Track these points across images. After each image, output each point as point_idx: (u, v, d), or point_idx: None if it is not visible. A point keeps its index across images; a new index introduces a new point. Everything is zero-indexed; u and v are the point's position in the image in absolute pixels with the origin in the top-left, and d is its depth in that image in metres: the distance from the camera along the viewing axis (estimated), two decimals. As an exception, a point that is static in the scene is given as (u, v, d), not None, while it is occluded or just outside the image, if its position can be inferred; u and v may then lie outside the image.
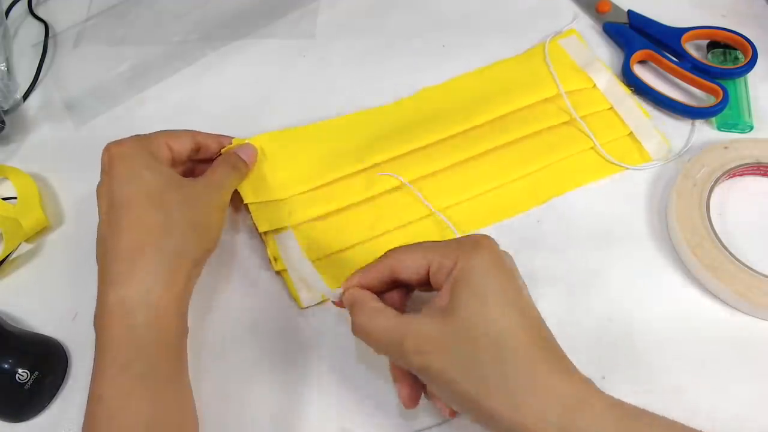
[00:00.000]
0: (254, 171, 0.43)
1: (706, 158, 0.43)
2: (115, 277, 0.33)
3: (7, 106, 0.50)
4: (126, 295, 0.32)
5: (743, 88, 0.47)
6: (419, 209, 0.42)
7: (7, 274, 0.43)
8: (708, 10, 0.52)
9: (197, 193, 0.37)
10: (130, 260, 0.33)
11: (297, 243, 0.41)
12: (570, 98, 0.46)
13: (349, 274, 0.35)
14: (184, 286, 0.35)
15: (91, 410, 0.31)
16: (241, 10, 0.55)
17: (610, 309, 0.39)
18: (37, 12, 0.57)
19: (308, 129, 0.46)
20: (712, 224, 0.40)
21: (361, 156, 0.43)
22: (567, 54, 0.50)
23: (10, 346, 0.38)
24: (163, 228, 0.34)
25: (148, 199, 0.35)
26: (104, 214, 0.36)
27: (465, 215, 0.43)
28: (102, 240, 0.35)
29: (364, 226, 0.42)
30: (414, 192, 0.42)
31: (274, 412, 0.37)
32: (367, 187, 0.43)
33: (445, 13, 0.54)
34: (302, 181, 0.43)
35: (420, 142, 0.44)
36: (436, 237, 0.42)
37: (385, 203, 0.43)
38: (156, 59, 0.52)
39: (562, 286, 0.40)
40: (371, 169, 0.43)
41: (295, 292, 0.40)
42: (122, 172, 0.36)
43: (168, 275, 0.34)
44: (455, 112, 0.46)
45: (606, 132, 0.45)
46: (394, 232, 0.42)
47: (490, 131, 0.45)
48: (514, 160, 0.44)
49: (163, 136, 0.39)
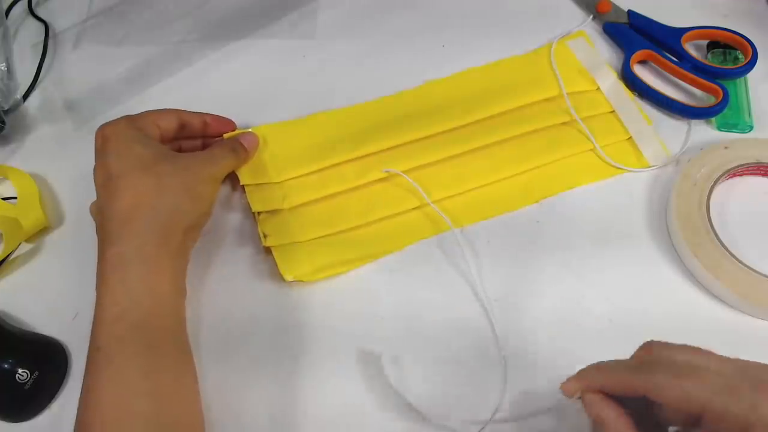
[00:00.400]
0: (255, 157, 0.44)
1: (707, 158, 0.43)
2: (112, 237, 0.35)
3: (7, 106, 0.50)
4: (121, 251, 0.34)
5: (743, 88, 0.47)
6: (412, 200, 0.43)
7: (7, 274, 0.43)
8: (708, 10, 0.52)
9: (189, 164, 0.39)
10: (126, 219, 0.35)
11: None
12: (572, 99, 0.46)
13: (337, 259, 0.38)
14: (179, 246, 0.36)
15: (92, 359, 0.33)
16: (241, 10, 0.55)
17: (610, 309, 0.39)
18: (37, 12, 0.57)
19: (308, 119, 0.47)
20: (713, 224, 0.40)
21: (357, 145, 0.44)
22: (573, 55, 0.50)
23: (10, 346, 0.38)
24: (156, 190, 0.36)
25: (142, 168, 0.36)
26: (100, 187, 0.37)
27: (459, 209, 0.43)
28: (99, 209, 0.37)
29: (354, 213, 0.42)
30: (410, 182, 0.42)
31: (270, 398, 0.37)
32: (360, 175, 0.43)
33: (445, 13, 0.54)
34: (298, 166, 0.44)
35: (418, 134, 0.45)
36: (427, 228, 0.42)
37: (377, 192, 0.43)
38: (156, 59, 0.52)
39: (561, 287, 0.40)
40: (365, 158, 0.44)
41: (282, 266, 0.40)
42: (116, 147, 0.37)
43: (162, 232, 0.35)
44: (455, 106, 0.46)
45: (605, 135, 0.45)
46: (384, 221, 0.43)
47: (489, 127, 0.45)
48: (512, 156, 0.44)
49: (151, 114, 0.41)
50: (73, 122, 0.50)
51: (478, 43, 0.51)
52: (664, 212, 0.42)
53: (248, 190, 0.43)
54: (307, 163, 0.44)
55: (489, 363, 0.38)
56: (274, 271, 0.41)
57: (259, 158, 0.44)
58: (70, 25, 0.55)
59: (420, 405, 0.36)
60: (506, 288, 0.40)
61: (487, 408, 0.36)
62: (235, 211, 0.44)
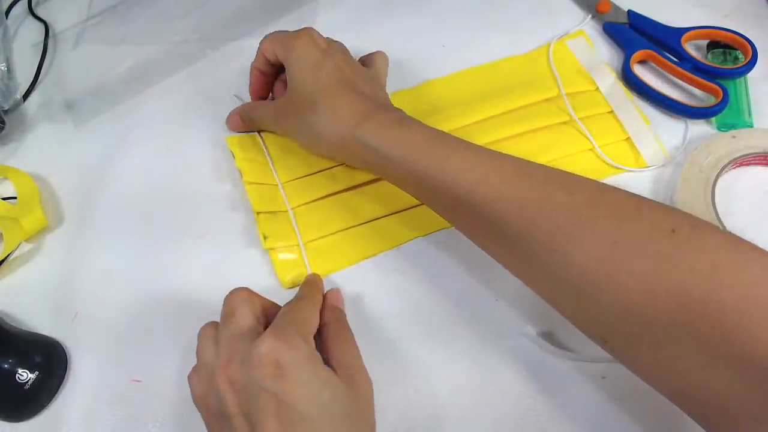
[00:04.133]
0: (257, 157, 0.45)
1: (714, 146, 0.43)
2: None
3: (7, 106, 0.50)
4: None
5: (743, 88, 0.47)
6: (410, 198, 0.43)
7: (7, 274, 0.43)
8: (708, 10, 0.51)
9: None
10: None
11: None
12: (571, 99, 0.46)
13: (332, 259, 0.41)
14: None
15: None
16: (241, 10, 0.55)
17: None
18: (37, 12, 0.57)
19: None
20: (717, 211, 0.40)
21: None
22: (573, 55, 0.50)
23: (10, 346, 0.38)
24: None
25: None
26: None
27: None
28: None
29: (354, 212, 0.43)
30: None
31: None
32: (360, 174, 0.43)
33: (445, 13, 0.54)
34: (298, 168, 0.44)
35: None
36: (425, 225, 0.42)
37: (376, 191, 0.43)
38: (156, 59, 0.52)
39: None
40: None
41: (280, 272, 0.41)
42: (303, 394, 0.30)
43: None
44: (455, 106, 0.46)
45: (604, 135, 0.45)
46: (384, 220, 0.43)
47: (488, 126, 0.45)
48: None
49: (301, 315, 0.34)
50: (73, 122, 0.50)
51: (478, 43, 0.51)
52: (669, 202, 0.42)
53: (250, 189, 0.43)
54: (308, 165, 0.44)
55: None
56: (275, 270, 0.41)
57: (262, 160, 0.45)
58: (70, 25, 0.55)
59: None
60: (506, 287, 0.40)
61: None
62: (239, 210, 0.44)
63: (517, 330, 0.38)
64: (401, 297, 0.40)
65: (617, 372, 0.36)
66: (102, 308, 0.41)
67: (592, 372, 0.36)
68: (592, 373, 0.36)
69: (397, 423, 0.36)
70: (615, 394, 0.36)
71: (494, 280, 0.40)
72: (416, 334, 0.39)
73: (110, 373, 0.39)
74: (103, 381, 0.39)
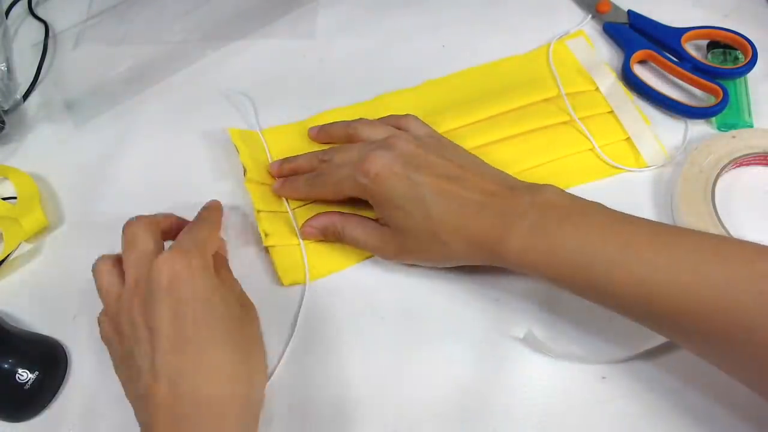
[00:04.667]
0: (259, 156, 0.45)
1: (714, 146, 0.43)
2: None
3: (7, 106, 0.50)
4: None
5: (743, 88, 0.47)
6: None
7: (7, 274, 0.43)
8: (708, 10, 0.51)
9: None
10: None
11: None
12: (570, 99, 0.46)
13: (331, 260, 0.41)
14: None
15: None
16: (241, 10, 0.55)
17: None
18: (37, 12, 0.57)
19: (310, 121, 0.47)
20: (717, 211, 0.40)
21: None
22: (573, 55, 0.50)
23: (10, 346, 0.38)
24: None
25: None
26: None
27: None
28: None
29: (353, 211, 0.42)
30: None
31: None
32: None
33: (445, 13, 0.54)
34: None
35: None
36: None
37: None
38: (156, 59, 0.52)
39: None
40: None
41: (280, 270, 0.41)
42: (192, 304, 0.33)
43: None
44: (454, 106, 0.46)
45: (604, 135, 0.45)
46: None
47: (488, 126, 0.45)
48: (510, 156, 0.44)
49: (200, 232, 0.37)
50: (73, 122, 0.50)
51: (478, 43, 0.51)
52: (663, 212, 0.42)
53: (251, 188, 0.43)
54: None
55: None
56: (274, 268, 0.41)
57: (263, 159, 0.45)
58: (70, 25, 0.55)
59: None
60: (506, 287, 0.40)
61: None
62: (238, 209, 0.44)
63: (518, 330, 0.38)
64: (401, 297, 0.40)
65: (617, 372, 0.36)
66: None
67: (592, 372, 0.36)
68: (592, 374, 0.36)
69: (397, 423, 0.36)
70: (615, 394, 0.36)
71: (494, 280, 0.40)
72: (416, 334, 0.39)
73: (110, 373, 0.38)
74: (103, 381, 0.38)
